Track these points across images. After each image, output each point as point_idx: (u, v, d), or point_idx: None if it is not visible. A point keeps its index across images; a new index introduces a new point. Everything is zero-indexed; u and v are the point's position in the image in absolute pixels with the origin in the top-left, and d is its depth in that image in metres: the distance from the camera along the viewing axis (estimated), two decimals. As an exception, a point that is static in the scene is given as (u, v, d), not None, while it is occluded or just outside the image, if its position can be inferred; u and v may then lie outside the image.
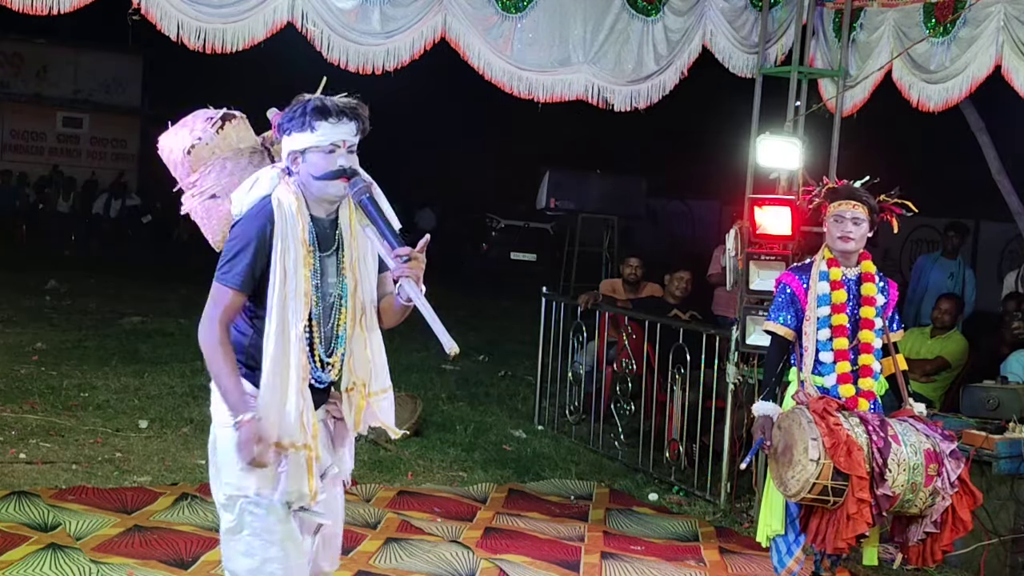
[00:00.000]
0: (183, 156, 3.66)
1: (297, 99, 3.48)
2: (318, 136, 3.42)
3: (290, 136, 3.45)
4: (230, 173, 3.65)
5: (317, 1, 6.12)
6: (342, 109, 3.43)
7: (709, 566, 5.90)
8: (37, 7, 5.52)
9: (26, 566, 4.98)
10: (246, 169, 3.66)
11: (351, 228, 3.55)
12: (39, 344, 10.39)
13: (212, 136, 3.66)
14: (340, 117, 3.42)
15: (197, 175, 3.66)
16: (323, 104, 3.42)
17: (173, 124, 3.78)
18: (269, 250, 3.38)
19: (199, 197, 3.68)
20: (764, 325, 5.31)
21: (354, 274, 3.54)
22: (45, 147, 27.78)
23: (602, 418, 8.27)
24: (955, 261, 9.75)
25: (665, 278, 9.17)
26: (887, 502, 4.65)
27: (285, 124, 3.46)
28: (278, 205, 3.40)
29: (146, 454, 7.04)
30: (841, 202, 5.03)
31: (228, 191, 3.60)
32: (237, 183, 3.57)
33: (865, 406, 4.94)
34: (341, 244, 3.53)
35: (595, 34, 6.94)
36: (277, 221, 3.38)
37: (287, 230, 3.39)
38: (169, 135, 3.74)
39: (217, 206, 3.65)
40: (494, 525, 6.23)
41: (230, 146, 3.69)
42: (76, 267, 17.37)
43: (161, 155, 3.76)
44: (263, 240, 3.38)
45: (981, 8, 6.50)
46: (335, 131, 3.42)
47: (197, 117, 3.73)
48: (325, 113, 3.41)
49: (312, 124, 3.41)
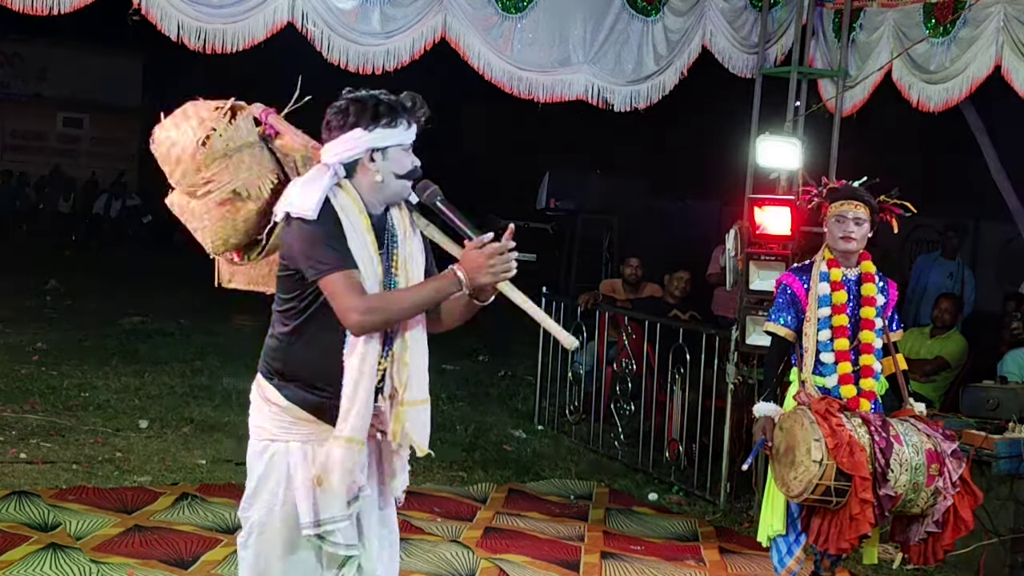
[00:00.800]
0: (195, 148, 3.37)
1: (353, 94, 3.28)
2: (405, 132, 3.26)
3: (370, 131, 3.22)
4: (248, 167, 3.42)
5: (317, 1, 6.12)
6: (422, 105, 3.29)
7: (709, 566, 5.90)
8: (37, 7, 5.53)
9: (26, 566, 4.99)
10: (262, 163, 3.46)
11: (403, 228, 3.37)
12: (39, 344, 10.39)
13: (226, 127, 3.40)
14: (421, 114, 3.29)
15: (212, 170, 3.38)
16: (411, 99, 3.27)
17: (166, 119, 3.49)
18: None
19: (216, 194, 3.39)
20: (764, 326, 5.30)
21: (406, 274, 3.34)
22: (45, 147, 27.78)
23: (602, 418, 8.27)
24: (955, 261, 9.76)
25: (665, 278, 9.18)
26: (889, 502, 4.65)
27: (355, 119, 3.22)
28: (343, 206, 3.22)
29: (146, 454, 7.05)
30: (843, 202, 5.03)
31: (249, 187, 3.40)
32: (257, 178, 3.40)
33: (866, 406, 4.94)
34: (391, 244, 3.34)
35: (595, 34, 6.94)
36: (344, 222, 3.20)
37: (355, 231, 3.21)
38: (167, 128, 3.44)
39: (234, 204, 3.40)
40: (494, 525, 6.23)
41: (242, 138, 3.44)
42: (76, 267, 17.39)
43: (157, 150, 3.46)
44: (342, 238, 3.19)
45: (981, 8, 6.50)
46: (414, 128, 3.29)
47: (198, 107, 3.47)
48: (411, 109, 3.27)
49: (399, 120, 3.24)
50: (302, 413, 3.28)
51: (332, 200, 3.21)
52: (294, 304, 3.27)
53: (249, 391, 3.43)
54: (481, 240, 3.18)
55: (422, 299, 3.22)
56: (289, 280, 3.27)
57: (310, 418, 3.28)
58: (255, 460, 3.37)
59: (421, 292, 3.23)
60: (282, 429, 3.31)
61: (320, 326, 3.24)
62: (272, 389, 3.32)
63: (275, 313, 3.36)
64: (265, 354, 3.38)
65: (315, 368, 3.26)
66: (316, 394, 3.27)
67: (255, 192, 3.42)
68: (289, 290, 3.28)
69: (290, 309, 3.28)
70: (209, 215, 3.45)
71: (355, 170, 3.27)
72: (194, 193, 3.43)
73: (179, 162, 3.41)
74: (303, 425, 3.29)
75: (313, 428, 3.29)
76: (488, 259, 3.15)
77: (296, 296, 3.26)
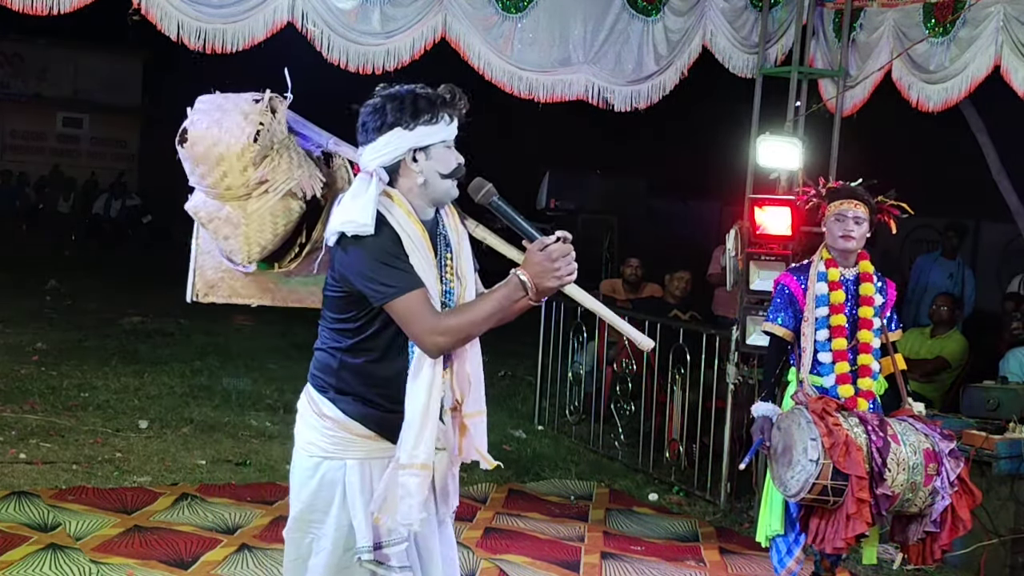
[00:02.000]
0: (245, 145, 3.13)
1: (388, 90, 3.06)
2: (447, 128, 3.04)
3: (411, 130, 2.99)
4: (298, 165, 3.20)
5: (317, 1, 6.12)
6: (461, 97, 3.07)
7: (709, 566, 5.90)
8: (37, 7, 5.52)
9: (26, 566, 4.98)
10: (308, 161, 3.25)
11: (456, 231, 3.17)
12: (39, 344, 10.39)
13: (271, 121, 3.17)
14: (462, 106, 3.07)
15: (262, 168, 3.16)
16: (450, 91, 3.05)
17: (193, 114, 3.25)
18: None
19: (273, 194, 3.17)
20: (762, 326, 5.31)
21: (463, 277, 3.15)
22: (45, 147, 27.79)
23: (602, 418, 8.27)
24: (954, 261, 9.75)
25: (665, 278, 9.18)
26: (887, 502, 4.66)
27: (394, 118, 3.00)
28: (397, 218, 2.99)
29: (146, 454, 7.04)
30: (843, 201, 5.04)
31: (304, 186, 3.20)
32: (309, 177, 3.21)
33: (864, 406, 4.95)
34: (445, 249, 3.13)
35: (595, 34, 6.94)
36: (402, 235, 2.98)
37: (415, 244, 2.99)
38: (203, 124, 3.18)
39: (284, 207, 3.19)
40: (494, 525, 6.23)
41: (284, 132, 3.21)
42: (76, 267, 17.38)
43: (193, 149, 3.21)
44: (403, 254, 2.97)
45: (981, 8, 6.50)
46: (456, 123, 3.06)
47: (235, 100, 3.23)
48: (453, 103, 3.04)
49: (440, 115, 3.02)
50: (361, 429, 3.09)
51: (385, 213, 2.98)
52: (348, 325, 3.07)
53: (249, 391, 3.39)
54: (543, 242, 2.92)
55: (493, 311, 2.97)
56: (342, 300, 3.06)
57: (369, 434, 3.09)
58: (305, 478, 3.14)
59: (491, 303, 2.97)
60: (337, 446, 3.10)
61: (380, 345, 3.06)
62: (328, 403, 3.11)
63: (325, 329, 3.15)
64: (317, 368, 3.16)
65: (375, 385, 3.08)
66: (376, 408, 3.09)
67: (309, 192, 3.23)
68: (342, 310, 3.07)
69: (344, 329, 3.08)
70: (251, 220, 3.22)
71: (397, 173, 3.05)
72: (239, 196, 3.20)
73: (222, 161, 3.17)
74: (362, 443, 3.10)
75: (372, 446, 3.11)
76: (553, 262, 2.90)
77: (351, 317, 3.05)
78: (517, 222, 3.02)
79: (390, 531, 3.07)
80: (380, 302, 2.96)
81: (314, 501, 3.13)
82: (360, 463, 3.11)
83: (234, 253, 3.32)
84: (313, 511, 3.14)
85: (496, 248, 3.18)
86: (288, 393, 8.69)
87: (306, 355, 3.26)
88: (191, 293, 3.53)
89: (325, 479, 3.11)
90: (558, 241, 2.92)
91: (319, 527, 3.14)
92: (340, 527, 3.11)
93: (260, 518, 5.91)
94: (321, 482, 3.12)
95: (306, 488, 3.14)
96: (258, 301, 3.51)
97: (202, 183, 3.26)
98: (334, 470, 3.11)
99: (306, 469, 3.14)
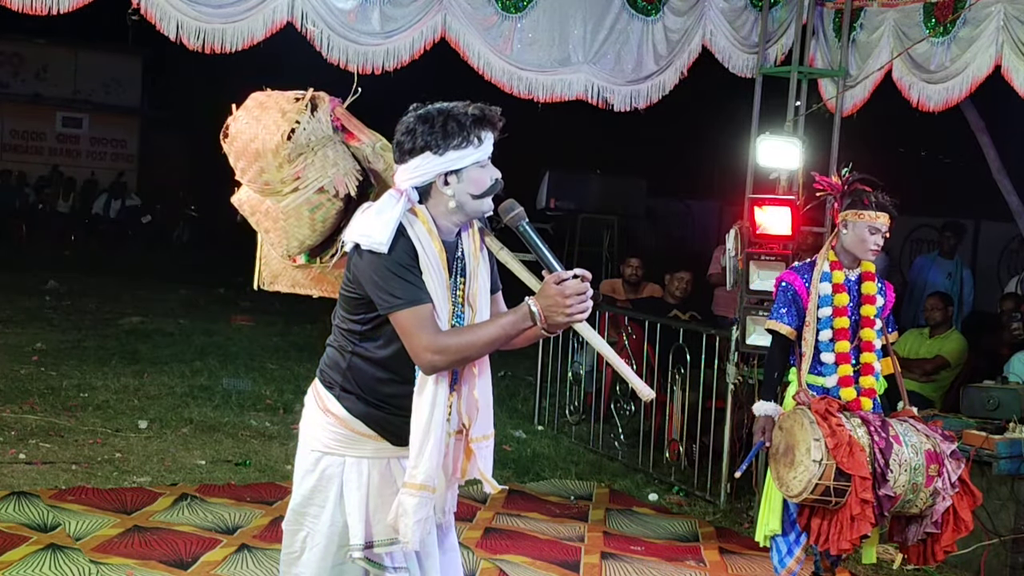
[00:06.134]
0: (280, 142, 3.16)
1: (420, 110, 3.06)
2: (479, 149, 3.04)
3: (441, 155, 3.00)
4: (333, 163, 3.22)
5: (317, 1, 6.12)
6: (496, 115, 3.07)
7: (709, 566, 5.89)
8: (37, 7, 5.53)
9: (26, 566, 4.98)
10: (345, 159, 3.26)
11: (474, 256, 3.17)
12: (39, 344, 10.39)
13: (308, 119, 3.19)
14: (496, 121, 3.06)
15: (296, 165, 3.18)
16: (482, 112, 3.04)
17: (238, 111, 3.29)
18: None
19: (303, 191, 3.21)
20: (766, 324, 5.30)
21: (473, 304, 3.15)
22: (45, 147, 27.73)
23: (602, 418, 8.27)
24: (953, 261, 9.76)
25: (665, 278, 9.18)
26: (889, 502, 4.66)
27: (424, 142, 3.00)
28: (419, 235, 3.02)
29: (146, 454, 7.04)
30: (879, 214, 5.00)
31: (337, 184, 3.22)
32: (344, 175, 3.22)
33: (868, 405, 4.95)
34: (460, 273, 3.14)
35: (595, 34, 6.94)
36: (419, 252, 3.01)
37: (430, 262, 3.03)
38: (244, 121, 3.23)
39: (319, 203, 3.23)
40: (494, 525, 6.22)
41: (323, 131, 3.23)
42: (76, 267, 17.37)
43: (233, 144, 3.25)
44: (416, 269, 3.01)
45: (981, 8, 6.50)
46: (490, 140, 3.06)
47: (276, 98, 3.27)
48: (485, 123, 3.04)
49: (477, 136, 3.02)
50: (363, 428, 3.13)
51: (408, 229, 3.01)
52: (357, 326, 3.12)
53: (249, 391, 3.40)
54: (560, 276, 2.94)
55: (496, 336, 2.99)
56: (354, 301, 3.10)
57: (371, 433, 3.13)
58: (305, 472, 3.20)
59: (494, 329, 3.00)
60: (338, 443, 3.15)
61: (386, 351, 3.10)
62: (332, 399, 3.15)
63: (337, 327, 3.19)
64: (326, 363, 3.21)
65: (380, 387, 3.12)
66: (381, 410, 3.12)
67: (342, 190, 3.25)
68: (353, 311, 3.11)
69: (352, 330, 3.13)
70: (287, 215, 3.26)
71: (428, 193, 3.07)
72: (276, 191, 3.24)
73: (259, 157, 3.21)
74: (363, 441, 3.14)
75: (373, 445, 3.15)
76: (566, 298, 2.92)
77: (359, 319, 3.10)
78: (540, 250, 3.04)
79: (383, 531, 3.11)
80: (385, 311, 3.00)
81: (312, 494, 3.19)
82: (359, 461, 3.16)
83: (275, 246, 3.39)
84: (310, 504, 3.19)
85: (516, 273, 3.16)
86: (288, 393, 8.71)
87: (306, 355, 3.28)
88: (257, 281, 3.60)
89: (324, 474, 3.17)
90: (576, 279, 2.94)
91: (315, 521, 3.19)
92: (335, 523, 3.16)
93: (260, 518, 5.91)
94: (321, 476, 3.17)
95: (306, 480, 3.20)
96: (318, 293, 3.55)
97: (243, 177, 3.32)
98: (333, 466, 3.16)
99: (307, 462, 3.20)
